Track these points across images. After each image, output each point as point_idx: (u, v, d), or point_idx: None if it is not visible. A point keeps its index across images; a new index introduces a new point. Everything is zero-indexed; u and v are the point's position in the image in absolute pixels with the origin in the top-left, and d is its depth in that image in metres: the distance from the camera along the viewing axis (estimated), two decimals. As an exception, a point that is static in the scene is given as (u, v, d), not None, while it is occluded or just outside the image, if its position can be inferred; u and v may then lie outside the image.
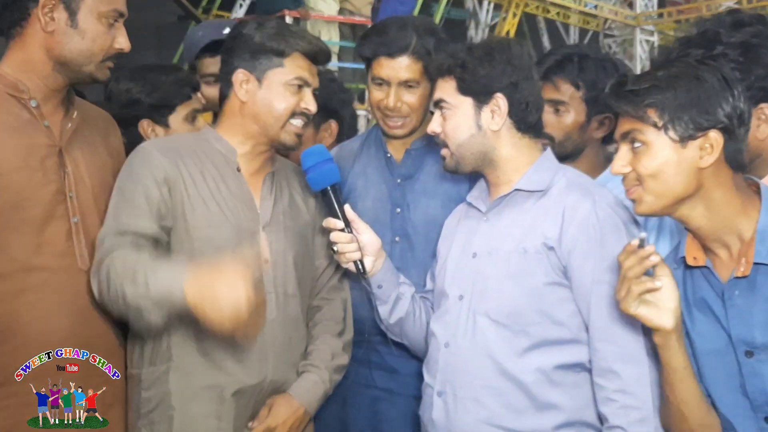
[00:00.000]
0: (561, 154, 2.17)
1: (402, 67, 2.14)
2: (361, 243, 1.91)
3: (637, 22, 14.49)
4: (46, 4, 1.81)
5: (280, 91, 1.94)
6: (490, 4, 12.83)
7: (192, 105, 2.43)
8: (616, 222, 1.73)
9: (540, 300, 1.75)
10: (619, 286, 1.50)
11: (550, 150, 1.94)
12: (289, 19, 7.21)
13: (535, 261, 1.76)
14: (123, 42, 1.89)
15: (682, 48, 1.72)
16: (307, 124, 2.03)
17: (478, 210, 1.92)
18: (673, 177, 1.51)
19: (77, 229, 1.87)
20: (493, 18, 13.14)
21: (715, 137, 1.50)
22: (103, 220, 1.91)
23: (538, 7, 13.57)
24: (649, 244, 1.48)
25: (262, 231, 1.98)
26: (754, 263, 1.50)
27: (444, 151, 1.88)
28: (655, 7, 15.23)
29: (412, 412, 2.12)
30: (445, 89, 1.85)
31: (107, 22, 1.86)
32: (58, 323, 1.83)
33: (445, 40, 2.22)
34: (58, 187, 1.86)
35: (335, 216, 1.91)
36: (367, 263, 1.92)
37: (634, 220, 1.79)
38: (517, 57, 1.83)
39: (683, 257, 1.61)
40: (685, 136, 1.50)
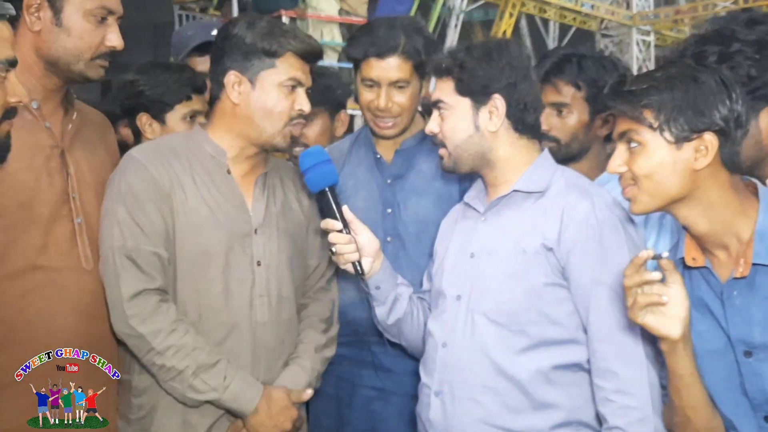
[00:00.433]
0: (567, 155, 2.17)
1: (392, 67, 2.14)
2: (359, 244, 1.90)
3: (633, 22, 14.52)
4: (32, 3, 1.81)
5: (274, 92, 1.92)
6: None
7: (192, 106, 2.44)
8: (615, 222, 1.74)
9: (538, 300, 1.75)
10: (625, 294, 1.49)
11: (547, 151, 1.94)
12: (285, 19, 7.21)
13: (534, 261, 1.76)
14: (115, 40, 1.88)
15: (697, 45, 1.71)
16: (302, 124, 2.02)
17: (476, 210, 1.92)
18: (667, 177, 1.52)
19: (81, 229, 1.89)
20: (468, 5, 12.96)
21: (710, 139, 1.50)
22: None
23: (534, 7, 13.57)
24: (661, 254, 1.46)
25: (255, 233, 1.97)
26: (753, 264, 1.50)
27: (442, 150, 1.88)
28: (651, 7, 15.27)
29: (407, 412, 2.13)
30: (443, 89, 1.85)
31: (95, 19, 1.85)
32: (63, 323, 1.84)
33: (433, 39, 2.23)
34: (62, 187, 1.87)
35: (333, 217, 1.91)
36: (366, 264, 1.92)
37: (632, 221, 1.79)
38: (516, 58, 1.83)
39: (682, 258, 1.61)
40: (680, 138, 1.50)
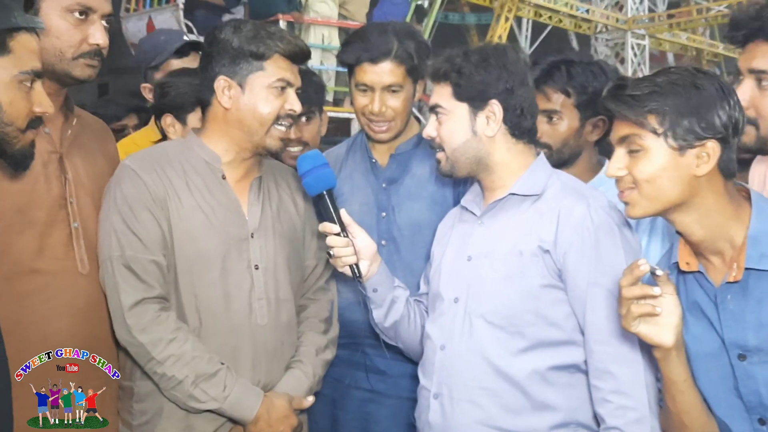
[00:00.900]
0: (559, 160, 2.18)
1: (385, 72, 2.16)
2: (356, 247, 1.92)
3: (628, 26, 14.56)
4: None
5: (264, 95, 1.93)
6: None
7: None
8: (610, 225, 1.75)
9: (535, 302, 1.76)
10: (619, 303, 1.50)
11: (543, 155, 1.96)
12: (282, 23, 7.21)
13: (531, 263, 1.77)
14: (99, 37, 1.87)
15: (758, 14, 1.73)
16: (292, 126, 2.02)
17: (473, 214, 1.93)
18: (668, 183, 1.53)
19: (77, 233, 1.89)
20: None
21: (712, 146, 1.51)
22: None
23: (530, 11, 13.61)
24: (657, 268, 1.46)
25: (252, 237, 1.98)
26: (746, 268, 1.51)
27: (440, 154, 1.89)
28: (646, 11, 15.31)
29: (401, 414, 2.15)
30: (441, 95, 1.87)
31: (73, 17, 1.84)
32: (58, 326, 1.85)
33: (426, 43, 2.25)
34: (59, 192, 1.88)
35: (330, 220, 1.92)
36: (363, 267, 1.93)
37: (627, 223, 1.80)
38: (513, 63, 1.84)
39: (676, 262, 1.63)
40: (684, 145, 1.51)
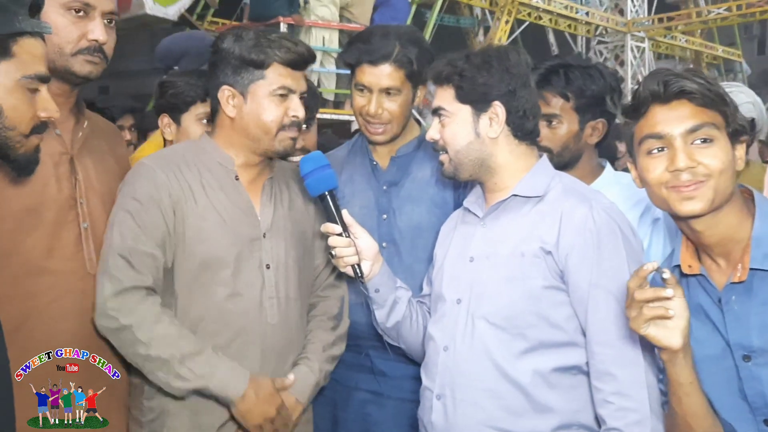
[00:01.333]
0: (560, 164, 2.19)
1: (384, 74, 2.17)
2: (358, 247, 1.92)
3: (628, 29, 14.57)
4: None
5: (265, 103, 1.95)
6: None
7: (206, 107, 2.48)
8: (613, 227, 1.75)
9: (537, 303, 1.76)
10: (628, 304, 1.48)
11: (546, 156, 1.96)
12: (283, 26, 7.22)
13: (533, 265, 1.77)
14: (98, 33, 1.89)
15: None
16: (300, 129, 2.04)
17: (475, 215, 1.94)
18: (731, 177, 1.55)
19: (87, 234, 1.92)
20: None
21: (745, 143, 1.58)
22: None
23: (530, 14, 13.62)
24: (664, 270, 1.45)
25: (264, 237, 2.00)
26: (750, 269, 1.52)
27: (443, 156, 1.90)
28: (645, 14, 15.33)
29: (401, 415, 2.15)
30: (444, 97, 1.87)
31: (71, 14, 1.87)
32: (66, 326, 1.87)
33: (430, 50, 2.25)
34: (69, 193, 1.90)
35: (333, 221, 1.93)
36: (365, 267, 1.94)
37: (629, 226, 1.80)
38: (515, 65, 1.84)
39: (678, 265, 1.63)
40: (736, 139, 1.56)
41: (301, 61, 2.00)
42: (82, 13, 1.88)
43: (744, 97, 2.64)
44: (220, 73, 1.98)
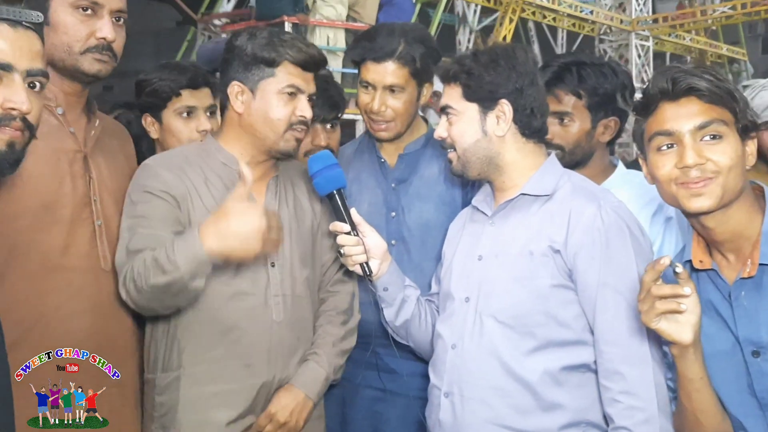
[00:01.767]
0: (572, 162, 2.19)
1: (387, 71, 2.18)
2: (366, 246, 1.93)
3: (632, 27, 14.54)
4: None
5: (274, 100, 1.96)
6: (477, 6, 12.83)
7: (183, 101, 2.45)
8: (621, 226, 1.75)
9: (545, 302, 1.77)
10: (642, 298, 1.48)
11: (554, 155, 1.96)
12: (288, 25, 7.24)
13: (541, 263, 1.77)
14: (106, 31, 1.90)
15: None
16: (306, 130, 2.04)
17: (484, 214, 1.94)
18: (741, 173, 1.54)
19: (101, 231, 1.93)
20: (481, 21, 13.10)
21: (756, 138, 1.58)
22: None
23: (534, 13, 13.60)
24: (678, 265, 1.45)
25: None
26: (760, 264, 1.52)
27: (451, 154, 1.90)
28: (649, 13, 15.29)
29: (410, 413, 2.15)
30: (451, 95, 1.88)
31: (80, 12, 1.88)
32: (81, 323, 1.88)
33: (437, 48, 2.25)
34: (83, 190, 1.92)
35: (341, 219, 1.94)
36: (373, 266, 1.95)
37: (638, 225, 1.80)
38: (522, 63, 1.85)
39: (689, 261, 1.63)
40: (746, 135, 1.56)
41: (312, 62, 2.00)
42: (90, 12, 1.89)
43: None
44: (231, 70, 1.99)
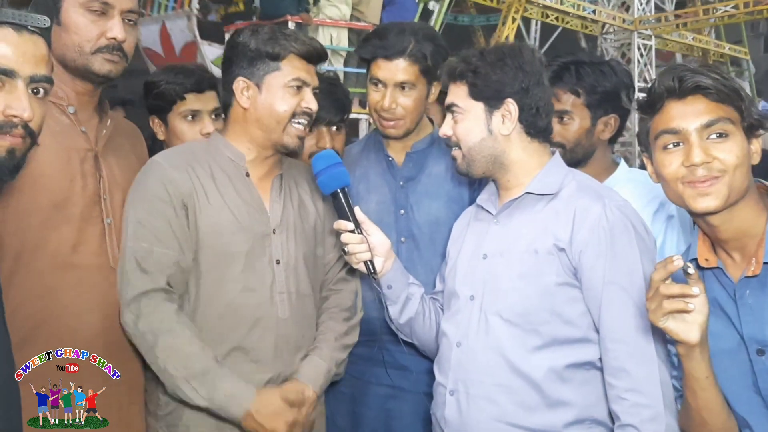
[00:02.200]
0: (572, 160, 2.20)
1: (398, 69, 2.19)
2: (371, 244, 1.93)
3: (634, 27, 14.53)
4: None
5: (280, 93, 1.97)
6: None
7: (188, 105, 2.49)
8: (626, 224, 1.75)
9: (551, 300, 1.77)
10: (650, 296, 1.47)
11: (558, 154, 1.97)
12: (291, 25, 7.26)
13: (546, 262, 1.78)
14: (116, 31, 1.91)
15: None
16: (309, 125, 2.05)
17: (488, 212, 1.94)
18: (747, 171, 1.54)
19: (110, 229, 1.95)
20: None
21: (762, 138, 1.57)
22: None
23: (537, 12, 13.59)
24: (690, 266, 1.43)
25: (273, 233, 2.02)
26: (765, 263, 1.52)
27: (456, 152, 1.91)
28: (652, 12, 15.27)
29: (422, 410, 2.15)
30: (457, 94, 1.88)
31: (91, 13, 1.89)
32: (89, 319, 1.89)
33: (445, 47, 2.26)
34: (94, 189, 1.94)
35: (345, 218, 1.94)
36: (378, 264, 1.95)
37: (643, 223, 1.81)
38: (528, 63, 1.85)
39: (695, 259, 1.63)
40: (751, 133, 1.56)
41: (315, 54, 2.02)
42: (101, 12, 1.90)
43: None
44: (235, 66, 2.00)
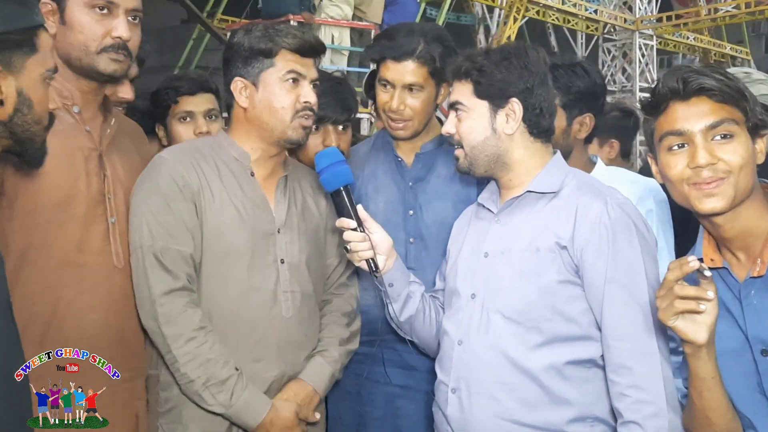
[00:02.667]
0: None
1: (407, 70, 2.19)
2: (373, 242, 1.93)
3: (636, 27, 14.52)
4: (46, 9, 1.87)
5: (276, 89, 1.97)
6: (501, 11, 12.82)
7: (182, 107, 2.53)
8: (628, 222, 1.76)
9: (552, 297, 1.78)
10: (661, 295, 1.47)
11: (559, 153, 1.98)
12: (293, 24, 7.26)
13: (548, 259, 1.79)
14: (122, 30, 1.91)
15: None
16: (313, 116, 2.04)
17: (489, 211, 1.95)
18: (752, 171, 1.54)
19: (114, 228, 1.95)
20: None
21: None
22: None
23: (539, 12, 13.59)
24: (706, 268, 1.43)
25: (278, 233, 2.03)
26: None
27: (458, 151, 1.91)
28: (654, 12, 15.26)
29: (429, 408, 2.15)
30: (462, 92, 1.89)
31: (95, 12, 1.89)
32: (93, 318, 1.90)
33: (455, 48, 2.26)
34: (98, 188, 1.94)
35: (348, 216, 1.94)
36: (380, 261, 1.95)
37: (643, 221, 1.81)
38: (534, 63, 1.85)
39: (700, 259, 1.64)
40: (755, 132, 1.56)
41: (309, 47, 2.01)
42: (106, 11, 1.90)
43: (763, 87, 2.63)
44: (232, 67, 2.01)
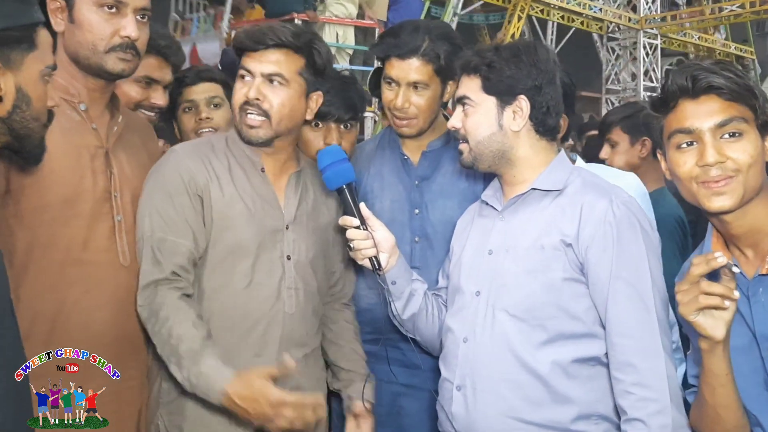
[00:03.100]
0: None
1: (412, 68, 2.18)
2: (375, 240, 1.94)
3: (640, 26, 14.49)
4: (54, 6, 1.87)
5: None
6: None
7: (183, 98, 2.58)
8: (632, 220, 1.76)
9: (557, 295, 1.78)
10: (684, 289, 1.46)
11: (564, 151, 1.98)
12: (297, 22, 7.26)
13: (553, 257, 1.79)
14: (130, 29, 1.90)
15: None
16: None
17: (493, 208, 1.95)
18: (762, 170, 1.53)
19: (120, 226, 1.94)
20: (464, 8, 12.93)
21: None
22: None
23: (542, 11, 13.56)
24: (733, 264, 1.43)
25: (286, 229, 2.03)
26: None
27: (463, 145, 1.91)
28: (658, 11, 15.23)
29: (432, 407, 2.15)
30: (470, 87, 1.88)
31: (104, 10, 1.88)
32: (98, 316, 1.90)
33: (461, 46, 2.25)
34: (104, 186, 1.93)
35: (350, 214, 1.95)
36: (383, 259, 1.95)
37: (648, 219, 1.81)
38: (543, 61, 1.86)
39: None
40: (764, 131, 1.55)
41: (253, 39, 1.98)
42: (114, 10, 1.89)
43: None
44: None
